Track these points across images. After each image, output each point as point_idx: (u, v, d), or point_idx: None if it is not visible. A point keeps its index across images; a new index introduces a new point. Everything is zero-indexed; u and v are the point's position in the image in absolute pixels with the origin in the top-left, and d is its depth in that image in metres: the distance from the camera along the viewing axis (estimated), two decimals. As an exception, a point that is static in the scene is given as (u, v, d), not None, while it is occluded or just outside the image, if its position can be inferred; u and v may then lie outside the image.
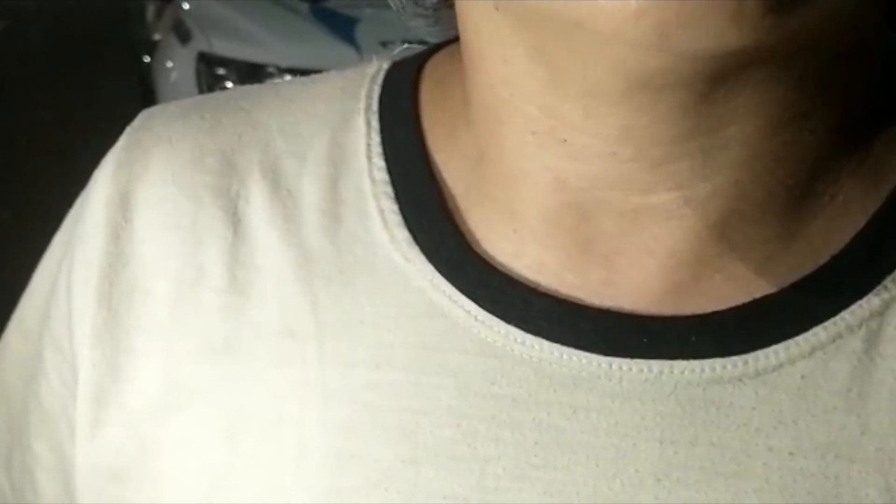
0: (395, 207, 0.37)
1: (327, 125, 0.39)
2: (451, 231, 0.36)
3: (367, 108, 0.39)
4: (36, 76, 5.43)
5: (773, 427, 0.32)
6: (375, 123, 0.39)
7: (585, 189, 0.32)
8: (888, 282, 0.33)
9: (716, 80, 0.29)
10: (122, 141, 0.41)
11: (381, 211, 0.37)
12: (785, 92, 0.30)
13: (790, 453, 0.32)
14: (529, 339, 0.34)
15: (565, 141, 0.32)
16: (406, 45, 0.41)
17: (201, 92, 3.24)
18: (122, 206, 0.39)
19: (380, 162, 0.38)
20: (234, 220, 0.38)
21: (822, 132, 0.32)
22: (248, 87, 0.43)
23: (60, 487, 0.42)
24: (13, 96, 5.06)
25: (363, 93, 0.40)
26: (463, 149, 0.37)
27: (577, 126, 0.31)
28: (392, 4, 0.40)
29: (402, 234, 0.36)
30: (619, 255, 0.33)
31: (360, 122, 0.39)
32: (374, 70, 0.41)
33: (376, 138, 0.38)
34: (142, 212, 0.39)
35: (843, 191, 0.33)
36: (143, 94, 3.77)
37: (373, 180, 0.37)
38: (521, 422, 0.33)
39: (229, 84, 3.22)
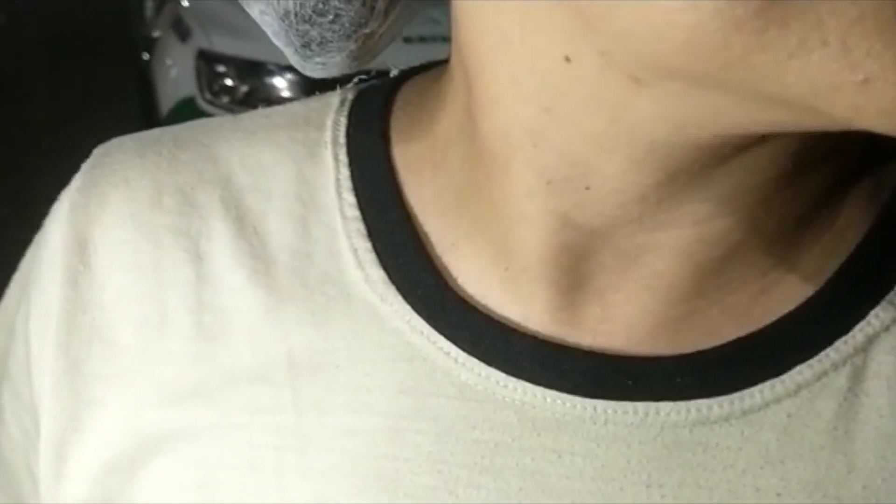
0: (369, 245, 0.35)
1: (291, 157, 0.38)
2: (429, 270, 0.35)
3: (335, 141, 0.38)
4: (35, 73, 5.42)
5: (759, 467, 0.32)
6: (343, 157, 0.37)
7: (593, 230, 0.31)
8: (871, 317, 0.32)
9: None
10: (77, 181, 0.39)
11: (354, 249, 0.35)
12: (813, 141, 0.29)
13: (777, 494, 0.31)
14: (512, 381, 0.33)
15: (587, 189, 0.30)
16: (358, 79, 0.39)
17: (201, 89, 3.23)
18: (80, 251, 0.38)
19: (350, 198, 0.36)
20: (197, 260, 0.37)
21: (837, 163, 0.32)
22: (207, 121, 0.41)
23: None
24: (12, 93, 5.05)
25: (329, 123, 0.38)
26: (444, 186, 0.35)
27: (611, 176, 0.30)
28: (294, 40, 0.36)
29: (377, 273, 0.35)
30: (615, 290, 0.33)
31: (328, 155, 0.37)
32: (339, 100, 0.39)
33: (345, 172, 0.37)
34: (100, 256, 0.38)
35: (841, 216, 0.33)
36: (143, 91, 3.76)
37: (344, 217, 0.36)
38: (504, 468, 0.33)
39: (229, 81, 3.22)
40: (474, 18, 0.31)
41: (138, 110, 3.73)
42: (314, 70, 0.37)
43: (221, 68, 3.24)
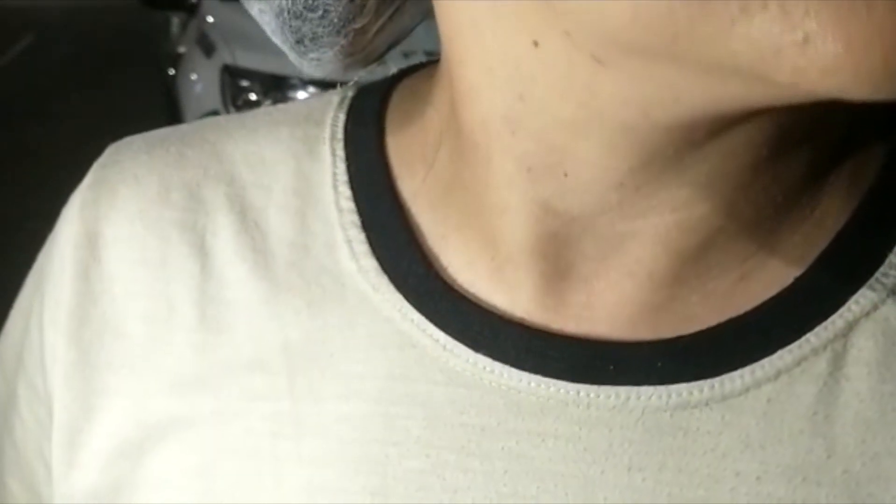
0: (363, 237, 0.36)
1: (291, 152, 0.39)
2: (420, 260, 0.35)
3: (332, 137, 0.39)
4: (62, 89, 5.48)
5: (739, 451, 0.32)
6: (341, 152, 0.38)
7: (574, 218, 0.32)
8: (852, 302, 0.32)
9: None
10: (88, 179, 0.41)
11: (349, 241, 0.36)
12: (796, 117, 0.29)
13: (757, 478, 0.32)
14: (498, 367, 0.33)
15: (566, 175, 0.31)
16: (358, 77, 0.41)
17: (225, 104, 3.25)
18: (90, 245, 0.39)
19: (346, 191, 0.37)
20: (202, 254, 0.38)
21: (816, 150, 0.32)
22: (213, 119, 0.43)
23: None
24: (39, 109, 5.10)
25: (328, 120, 0.39)
26: (434, 179, 0.36)
27: (587, 161, 0.30)
28: (289, 36, 0.37)
29: (370, 264, 0.36)
30: (597, 277, 0.33)
31: (326, 150, 0.38)
32: (340, 97, 0.40)
33: (342, 167, 0.38)
34: (110, 250, 0.39)
35: (821, 204, 0.33)
36: (168, 106, 3.79)
37: (339, 210, 0.37)
38: (490, 451, 0.33)
39: (253, 96, 3.24)
40: (451, 10, 0.32)
41: (164, 125, 3.74)
42: (311, 67, 0.38)
43: (245, 83, 3.27)
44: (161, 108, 4.02)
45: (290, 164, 0.39)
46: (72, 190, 0.41)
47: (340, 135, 0.39)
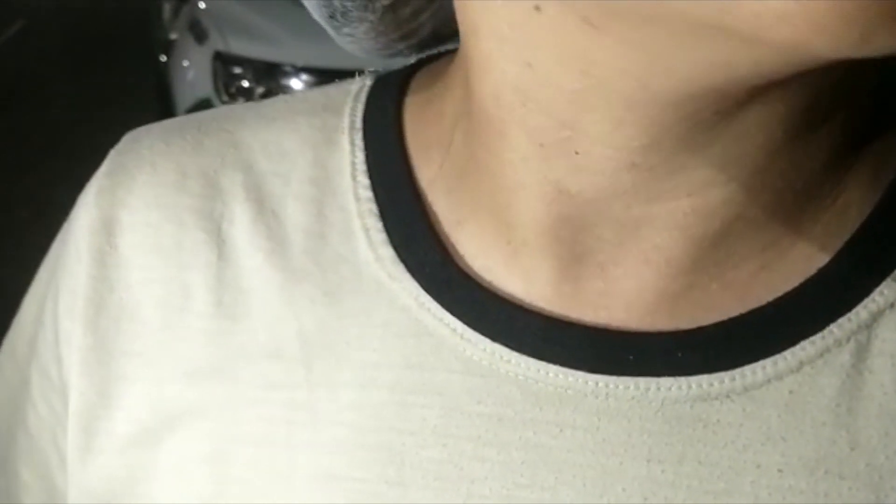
0: (380, 226, 0.36)
1: (309, 142, 0.39)
2: (437, 248, 0.35)
3: (351, 127, 0.39)
4: (53, 75, 5.46)
5: (761, 444, 0.32)
6: (359, 141, 0.38)
7: (588, 201, 0.32)
8: (876, 294, 0.32)
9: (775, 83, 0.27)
10: (105, 166, 0.41)
11: (367, 230, 0.36)
12: (809, 99, 0.29)
13: (779, 470, 0.31)
14: (515, 356, 0.33)
15: (577, 153, 0.31)
16: (371, 70, 0.41)
17: (217, 91, 3.25)
18: (107, 232, 0.39)
19: (364, 180, 0.37)
20: (219, 242, 0.38)
21: (835, 136, 0.31)
22: (230, 108, 0.42)
23: None
24: (30, 95, 5.09)
25: (346, 110, 0.39)
26: (450, 164, 0.36)
27: (597, 138, 0.30)
28: (322, 10, 0.38)
29: (387, 253, 0.36)
30: (615, 264, 0.33)
31: (345, 140, 0.38)
32: (358, 87, 0.40)
33: (360, 156, 0.38)
34: (126, 237, 0.39)
35: (843, 194, 0.33)
36: (160, 92, 3.78)
37: (357, 199, 0.37)
38: (508, 441, 0.33)
39: (245, 83, 3.23)
40: None
41: (156, 112, 3.75)
42: (346, 43, 0.39)
43: (238, 70, 3.26)
44: (153, 94, 4.00)
45: (308, 153, 0.39)
46: (63, 176, 0.41)
47: (359, 124, 0.39)
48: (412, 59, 0.41)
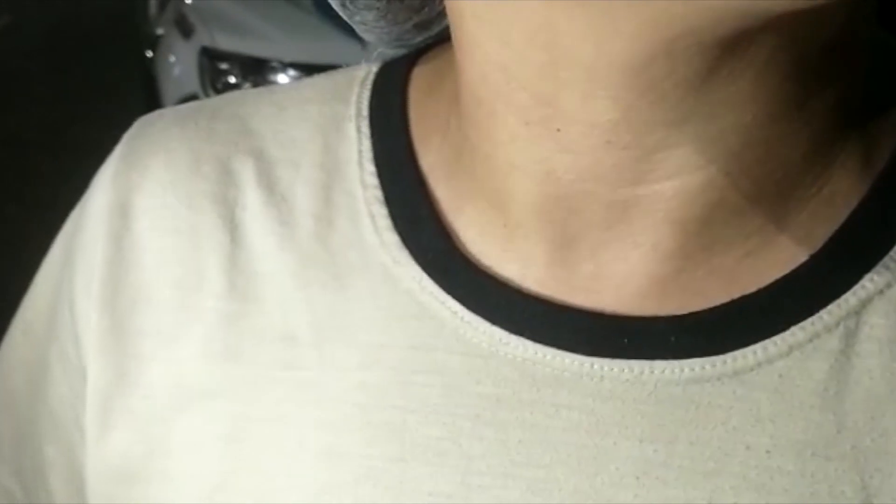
0: (385, 211, 0.37)
1: (319, 130, 0.40)
2: (439, 232, 0.36)
3: (358, 114, 0.40)
4: (39, 71, 5.44)
5: (750, 426, 0.32)
6: (366, 129, 0.39)
7: (574, 181, 0.32)
8: (866, 280, 0.33)
9: (736, 44, 0.28)
10: (119, 150, 0.41)
11: (372, 215, 0.37)
12: (782, 80, 0.30)
13: (767, 451, 0.32)
14: (514, 339, 0.34)
15: (558, 131, 0.32)
16: (380, 50, 0.42)
17: (204, 87, 3.24)
18: (123, 214, 0.40)
19: (370, 167, 0.38)
20: (232, 226, 0.39)
21: (815, 123, 0.32)
22: (241, 93, 0.43)
23: (73, 489, 0.43)
24: (17, 91, 5.06)
25: (353, 97, 0.40)
26: (448, 149, 0.37)
27: (572, 114, 0.31)
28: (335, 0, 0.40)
29: (392, 238, 0.37)
30: (604, 248, 0.34)
31: (352, 128, 0.39)
32: (364, 73, 0.41)
33: (367, 144, 0.39)
34: (142, 219, 0.39)
35: (829, 183, 0.33)
36: (146, 88, 3.77)
37: (364, 185, 0.38)
38: (506, 421, 0.34)
39: (232, 79, 3.22)
40: None
41: (142, 108, 3.73)
42: (361, 30, 0.40)
43: (224, 65, 3.25)
44: (139, 90, 3.99)
45: (317, 141, 0.39)
46: (49, 173, 0.42)
47: (365, 112, 0.40)
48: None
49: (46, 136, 4.36)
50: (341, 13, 0.40)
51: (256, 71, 3.20)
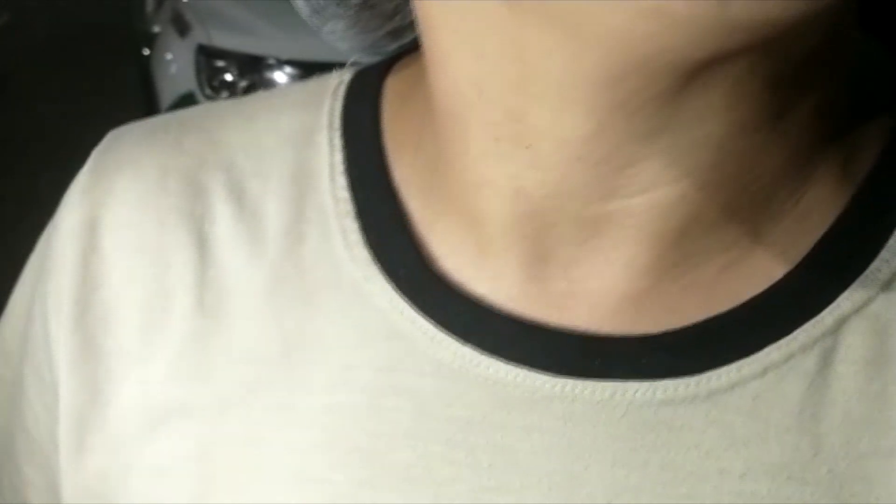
0: (356, 226, 0.36)
1: (289, 142, 0.39)
2: (410, 249, 0.35)
3: (330, 126, 0.39)
4: (37, 70, 5.44)
5: (724, 449, 0.32)
6: (338, 141, 0.38)
7: (545, 197, 0.32)
8: (842, 298, 0.32)
9: (710, 62, 0.28)
10: (88, 165, 0.41)
11: (344, 231, 0.36)
12: (758, 91, 0.29)
13: (741, 475, 0.31)
14: (485, 360, 0.34)
15: (528, 147, 0.31)
16: (355, 57, 0.41)
17: (200, 84, 3.24)
18: (91, 231, 0.39)
19: (342, 181, 0.37)
20: (200, 242, 0.38)
21: (792, 134, 0.31)
22: (211, 105, 0.43)
23: None
24: (15, 90, 5.07)
25: (325, 108, 0.39)
26: (421, 163, 0.36)
27: (543, 130, 0.30)
28: (304, 8, 0.39)
29: (363, 254, 0.36)
30: (577, 264, 0.33)
31: (324, 140, 0.39)
32: (336, 83, 0.40)
33: (339, 157, 0.38)
34: (109, 237, 0.39)
35: (806, 196, 0.33)
36: (143, 86, 3.77)
37: (335, 199, 0.37)
38: (476, 444, 0.33)
39: (228, 77, 3.22)
40: None
41: (139, 106, 3.73)
42: (331, 39, 0.39)
43: (221, 63, 3.25)
44: (136, 88, 3.99)
45: (287, 153, 0.39)
46: (48, 169, 0.43)
47: (337, 123, 0.39)
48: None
49: (44, 135, 4.37)
50: (310, 23, 0.39)
51: (253, 68, 3.20)
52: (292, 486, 0.35)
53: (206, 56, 3.26)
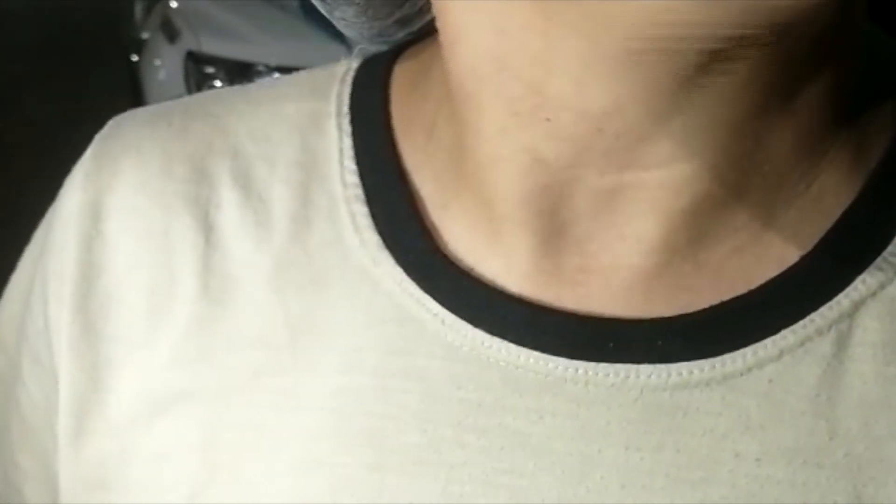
0: (366, 210, 0.36)
1: (296, 128, 0.39)
2: (420, 233, 0.35)
3: (338, 112, 0.39)
4: (25, 75, 5.42)
5: (739, 433, 0.32)
6: (347, 126, 0.38)
7: (564, 168, 0.32)
8: (858, 282, 0.32)
9: (734, 43, 0.28)
10: (90, 150, 0.40)
11: (352, 215, 0.36)
12: (773, 74, 0.29)
13: (757, 459, 0.31)
14: (496, 342, 0.33)
15: (548, 120, 0.31)
16: (361, 46, 0.41)
17: (189, 91, 3.23)
18: (93, 216, 0.39)
19: (351, 165, 0.37)
20: (206, 227, 0.38)
21: (802, 118, 0.31)
22: (216, 92, 0.43)
23: (48, 498, 0.42)
24: (2, 94, 5.05)
25: (333, 94, 0.39)
26: (436, 145, 0.36)
27: (564, 102, 0.30)
28: None
29: (372, 238, 0.36)
30: (590, 239, 0.33)
31: (332, 126, 0.38)
32: (344, 70, 0.40)
33: (348, 142, 0.38)
34: (112, 221, 0.39)
35: (818, 180, 0.33)
36: (132, 92, 3.77)
37: (344, 184, 0.37)
38: (487, 427, 0.33)
39: (218, 83, 3.21)
40: None
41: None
42: (341, 25, 0.39)
43: (210, 69, 3.25)
44: (125, 94, 3.98)
45: (295, 139, 0.39)
46: (36, 177, 0.42)
47: (346, 109, 0.39)
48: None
49: (32, 140, 4.36)
50: (321, 8, 0.39)
51: (242, 74, 3.20)
52: (299, 471, 0.35)
53: (196, 62, 3.27)
